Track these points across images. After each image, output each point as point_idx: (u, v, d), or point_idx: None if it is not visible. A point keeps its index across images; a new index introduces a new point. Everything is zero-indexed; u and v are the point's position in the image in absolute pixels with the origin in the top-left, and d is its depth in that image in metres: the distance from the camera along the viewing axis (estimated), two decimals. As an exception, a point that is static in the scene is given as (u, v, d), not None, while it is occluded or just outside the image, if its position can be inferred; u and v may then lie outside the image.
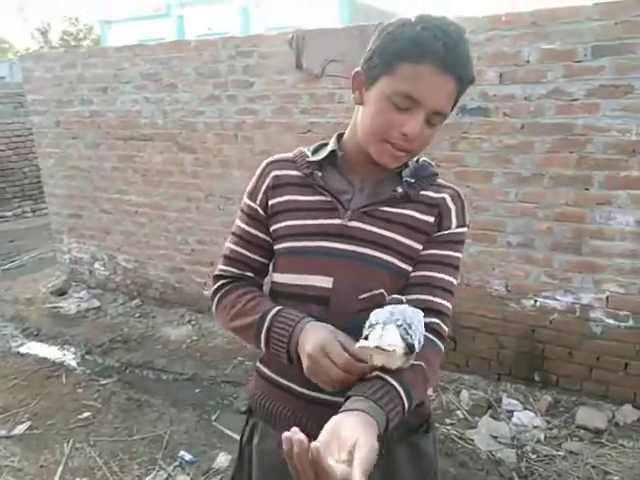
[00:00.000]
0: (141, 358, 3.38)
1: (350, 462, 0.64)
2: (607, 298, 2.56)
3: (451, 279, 0.97)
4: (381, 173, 0.98)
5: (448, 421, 2.62)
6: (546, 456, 2.36)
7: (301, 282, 0.97)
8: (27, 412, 2.86)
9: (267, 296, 1.03)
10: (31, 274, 5.01)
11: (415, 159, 1.01)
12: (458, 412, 2.68)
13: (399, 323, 0.79)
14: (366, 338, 0.80)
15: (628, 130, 2.36)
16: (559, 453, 2.37)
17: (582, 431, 2.49)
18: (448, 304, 0.96)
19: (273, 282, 1.04)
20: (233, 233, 1.08)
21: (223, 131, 3.37)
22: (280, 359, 0.94)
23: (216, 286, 1.06)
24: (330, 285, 0.94)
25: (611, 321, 2.58)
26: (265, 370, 1.06)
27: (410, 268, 0.96)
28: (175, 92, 3.50)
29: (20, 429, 2.72)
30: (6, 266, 5.36)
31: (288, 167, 1.02)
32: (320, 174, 0.98)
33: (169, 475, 2.33)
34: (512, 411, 2.64)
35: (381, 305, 0.87)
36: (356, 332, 0.88)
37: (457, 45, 0.84)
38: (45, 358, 3.44)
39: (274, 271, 1.04)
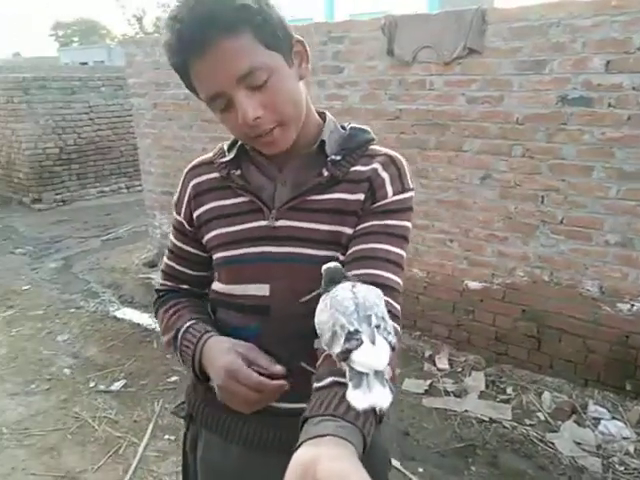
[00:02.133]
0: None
1: None
2: None
3: (397, 250, 0.84)
4: (300, 157, 0.88)
5: (527, 422, 2.56)
6: (635, 469, 2.25)
7: (238, 292, 0.90)
8: (123, 371, 3.12)
9: (192, 306, 0.97)
10: (125, 246, 5.39)
11: (344, 125, 0.91)
12: (539, 414, 2.61)
13: (376, 323, 0.64)
14: (347, 353, 0.61)
15: None
16: (650, 467, 2.26)
17: (678, 446, 2.35)
18: (397, 278, 0.83)
19: (213, 291, 0.96)
20: (168, 247, 1.02)
21: (311, 116, 3.42)
22: (195, 376, 0.88)
23: (154, 300, 1.04)
24: (267, 292, 0.87)
25: None
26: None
27: None
28: (267, 77, 3.58)
29: (117, 386, 2.98)
30: (104, 237, 5.80)
31: (207, 171, 0.94)
32: (238, 172, 0.89)
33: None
34: (599, 419, 2.52)
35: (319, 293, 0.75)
36: (303, 340, 0.82)
37: (191, 18, 0.72)
38: (138, 324, 3.72)
39: (216, 280, 0.96)
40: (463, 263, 3.04)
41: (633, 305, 2.57)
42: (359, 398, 0.58)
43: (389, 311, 0.73)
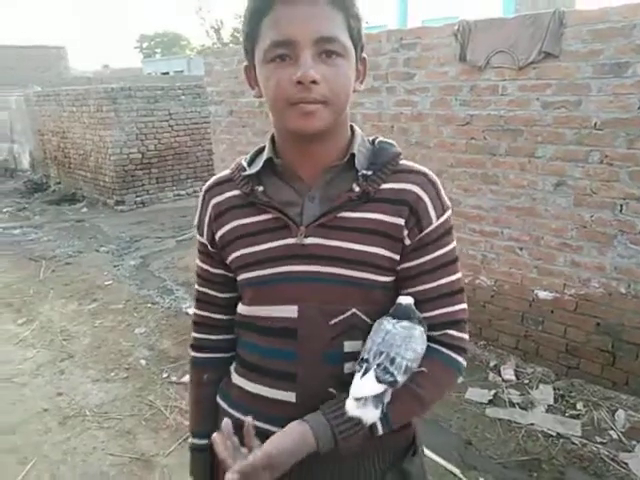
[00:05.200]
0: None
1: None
2: None
3: (454, 277, 0.86)
4: (329, 170, 0.84)
5: (598, 439, 2.45)
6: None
7: (266, 314, 0.87)
8: (193, 365, 3.28)
9: (203, 403, 1.01)
10: (199, 246, 5.64)
11: (371, 140, 0.89)
12: (611, 432, 2.49)
13: (380, 361, 0.76)
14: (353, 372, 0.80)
15: None
16: None
17: None
18: (459, 307, 0.87)
19: (239, 314, 0.93)
20: (196, 271, 1.00)
21: (380, 122, 3.46)
22: None
23: (192, 346, 1.04)
24: (295, 314, 0.84)
25: None
26: (231, 411, 0.95)
27: (382, 278, 0.84)
28: (337, 84, 3.66)
29: (188, 378, 3.13)
30: (179, 238, 6.11)
31: (227, 189, 0.90)
32: (261, 188, 0.85)
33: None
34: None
35: (358, 327, 0.83)
36: (332, 361, 0.84)
37: None
38: (208, 320, 3.89)
39: (241, 302, 0.93)
40: (533, 272, 2.96)
41: None
42: (350, 406, 0.76)
43: (447, 343, 0.85)
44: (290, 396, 0.86)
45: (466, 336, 0.88)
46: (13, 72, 16.27)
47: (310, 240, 0.83)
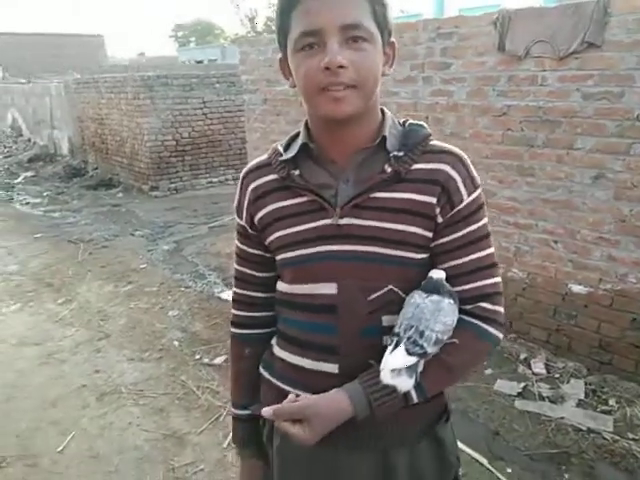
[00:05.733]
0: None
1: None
2: None
3: (486, 252, 0.89)
4: (361, 152, 0.87)
5: (630, 435, 2.41)
6: None
7: (306, 291, 0.91)
8: (225, 347, 3.36)
9: (246, 375, 1.07)
10: (230, 233, 5.72)
11: (401, 122, 0.91)
12: (644, 429, 2.46)
13: (410, 334, 0.81)
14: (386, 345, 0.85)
15: None
16: None
17: None
18: (492, 280, 0.90)
19: (280, 292, 0.98)
20: (235, 252, 1.05)
21: (415, 112, 3.44)
22: None
23: (232, 317, 1.09)
24: (335, 291, 0.88)
25: None
26: (275, 382, 1.01)
27: (417, 256, 0.87)
28: (373, 73, 3.66)
29: (219, 360, 3.22)
30: (211, 224, 6.22)
31: (265, 173, 0.95)
32: (297, 172, 0.89)
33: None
34: None
35: (394, 302, 0.87)
36: (371, 334, 0.88)
37: None
38: (239, 306, 3.96)
39: (281, 280, 0.98)
40: (568, 266, 2.91)
41: None
42: (386, 377, 0.81)
43: (480, 315, 0.89)
44: (333, 367, 0.90)
45: (500, 309, 0.91)
46: (53, 60, 16.69)
47: (345, 220, 0.86)
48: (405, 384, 0.80)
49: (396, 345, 0.81)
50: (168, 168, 7.78)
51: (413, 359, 0.80)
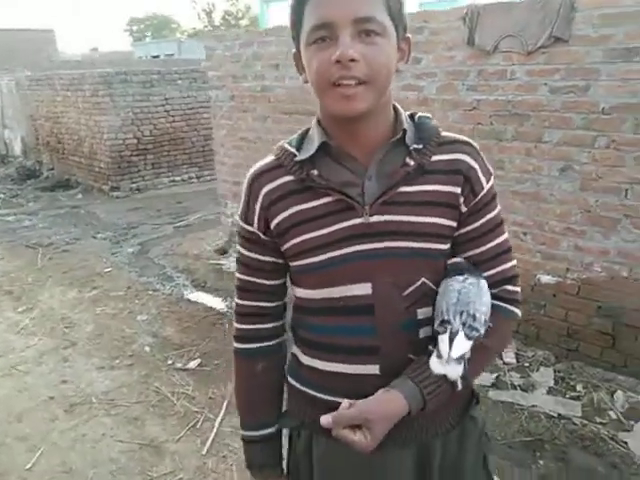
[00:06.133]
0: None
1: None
2: None
3: (503, 238, 0.93)
4: (381, 148, 0.86)
5: (598, 420, 2.50)
6: None
7: (337, 295, 0.88)
8: (198, 351, 3.28)
9: (256, 393, 1.01)
10: (197, 233, 5.62)
11: (409, 114, 0.91)
12: (611, 413, 2.53)
13: (464, 319, 0.81)
14: (436, 333, 0.84)
15: None
16: None
17: None
18: (512, 263, 0.94)
19: (302, 299, 0.94)
20: (238, 260, 0.99)
21: (384, 107, 3.44)
22: None
23: (237, 337, 1.02)
24: (370, 291, 0.86)
25: None
26: (307, 390, 0.98)
27: (444, 247, 0.88)
28: (341, 69, 3.63)
29: (193, 364, 3.15)
30: (176, 224, 6.08)
31: (277, 175, 0.90)
32: (316, 172, 0.86)
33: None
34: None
35: (428, 295, 0.87)
36: (409, 329, 0.88)
37: None
38: (211, 307, 3.89)
39: (297, 286, 0.94)
40: (536, 257, 2.98)
41: None
42: (436, 366, 0.81)
43: (505, 298, 0.91)
44: (374, 369, 0.89)
45: (519, 289, 0.95)
46: (2, 56, 15.97)
47: (376, 218, 0.85)
48: (455, 371, 0.81)
49: (451, 332, 0.81)
50: (129, 167, 7.56)
51: (470, 344, 0.81)
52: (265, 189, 0.90)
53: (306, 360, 0.97)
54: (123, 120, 7.31)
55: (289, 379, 1.02)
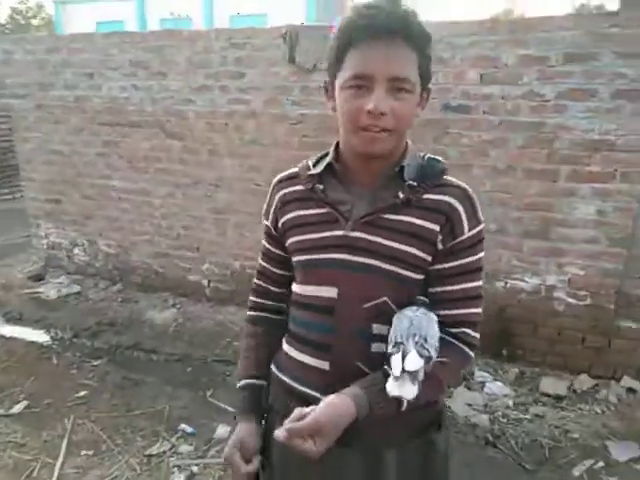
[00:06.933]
0: (130, 340, 3.46)
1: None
2: (569, 280, 2.86)
3: (476, 284, 0.98)
4: (381, 178, 0.97)
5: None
6: (515, 419, 2.64)
7: (311, 293, 1.01)
8: (23, 392, 2.91)
9: (258, 353, 1.13)
10: (3, 259, 4.94)
11: (422, 155, 1.00)
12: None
13: (416, 340, 0.88)
14: (389, 357, 0.89)
15: (591, 130, 2.64)
16: (526, 417, 2.65)
17: (545, 398, 2.78)
18: (477, 310, 0.99)
19: (293, 292, 1.08)
20: (261, 249, 1.16)
21: (214, 120, 3.46)
22: None
23: (249, 303, 1.20)
24: (335, 295, 0.97)
25: (572, 300, 2.88)
26: (278, 374, 1.09)
27: (414, 275, 0.95)
28: (165, 80, 3.56)
29: (18, 408, 2.78)
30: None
31: (293, 183, 1.05)
32: (321, 187, 0.99)
33: (173, 445, 2.46)
34: (484, 382, 2.90)
35: (387, 313, 0.95)
36: (361, 339, 0.97)
37: (389, 11, 0.86)
38: (32, 341, 3.47)
39: (294, 281, 1.08)
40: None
41: (506, 282, 3.00)
42: (392, 388, 0.86)
43: (463, 340, 0.98)
44: (324, 364, 0.99)
45: (478, 335, 1.00)
46: None
47: (356, 234, 0.95)
48: (411, 392, 0.86)
49: (404, 352, 0.87)
50: None
51: (422, 362, 0.86)
52: (282, 192, 1.06)
53: (286, 347, 1.10)
54: None
55: (272, 367, 1.12)
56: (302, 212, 1.02)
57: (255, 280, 1.19)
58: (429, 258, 0.95)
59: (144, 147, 3.79)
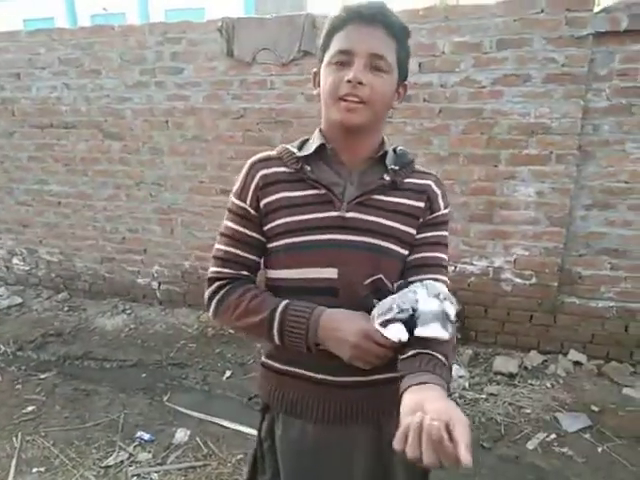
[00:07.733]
0: (79, 350, 3.34)
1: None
2: (515, 260, 2.96)
3: (444, 256, 1.08)
4: (365, 162, 1.05)
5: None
6: (471, 400, 2.71)
7: (306, 275, 1.01)
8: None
9: (268, 292, 1.05)
10: None
11: (392, 148, 1.08)
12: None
13: (405, 307, 0.92)
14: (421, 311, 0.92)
15: (527, 114, 2.72)
16: (481, 396, 2.74)
17: (499, 376, 2.88)
18: (446, 279, 1.07)
19: (271, 279, 1.06)
20: (222, 234, 1.08)
21: (153, 117, 3.36)
22: (298, 349, 0.98)
23: (212, 288, 1.07)
24: (335, 275, 1.00)
25: (518, 280, 2.98)
26: (276, 364, 1.10)
27: (402, 251, 1.03)
28: (99, 78, 3.42)
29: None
30: None
31: (275, 164, 1.04)
32: (309, 168, 1.02)
33: (130, 454, 2.39)
34: (439, 364, 2.98)
35: (382, 289, 1.00)
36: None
37: (375, 5, 0.97)
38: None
39: (270, 268, 1.07)
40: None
41: (456, 267, 3.07)
42: (435, 330, 0.89)
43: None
44: None
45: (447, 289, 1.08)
46: None
47: (350, 214, 1.00)
48: (398, 331, 0.90)
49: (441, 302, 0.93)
50: None
51: (456, 307, 0.95)
52: (262, 172, 1.04)
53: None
54: None
55: (264, 359, 1.13)
56: (289, 193, 1.02)
57: (216, 268, 1.07)
58: (414, 232, 1.04)
59: (81, 149, 3.63)
